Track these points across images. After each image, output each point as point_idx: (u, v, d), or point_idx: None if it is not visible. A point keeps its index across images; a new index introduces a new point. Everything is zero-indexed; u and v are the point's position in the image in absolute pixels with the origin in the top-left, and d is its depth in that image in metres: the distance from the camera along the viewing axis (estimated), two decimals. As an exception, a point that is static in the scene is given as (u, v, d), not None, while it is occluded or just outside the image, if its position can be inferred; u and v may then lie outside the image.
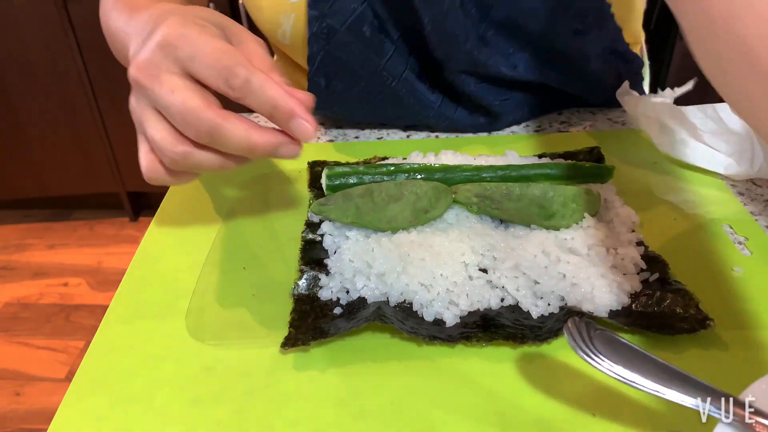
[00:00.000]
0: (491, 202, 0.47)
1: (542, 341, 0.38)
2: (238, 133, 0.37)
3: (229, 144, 0.37)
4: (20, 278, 1.82)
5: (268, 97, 0.36)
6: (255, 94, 0.36)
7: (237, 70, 0.36)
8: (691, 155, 0.56)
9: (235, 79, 0.36)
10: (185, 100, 0.36)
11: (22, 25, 1.67)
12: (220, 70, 0.36)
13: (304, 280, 0.44)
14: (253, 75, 0.36)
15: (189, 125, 0.36)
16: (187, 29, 0.37)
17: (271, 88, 0.37)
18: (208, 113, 0.36)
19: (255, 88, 0.36)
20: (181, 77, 0.37)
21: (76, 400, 0.37)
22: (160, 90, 0.37)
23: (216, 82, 0.36)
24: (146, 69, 0.37)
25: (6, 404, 1.43)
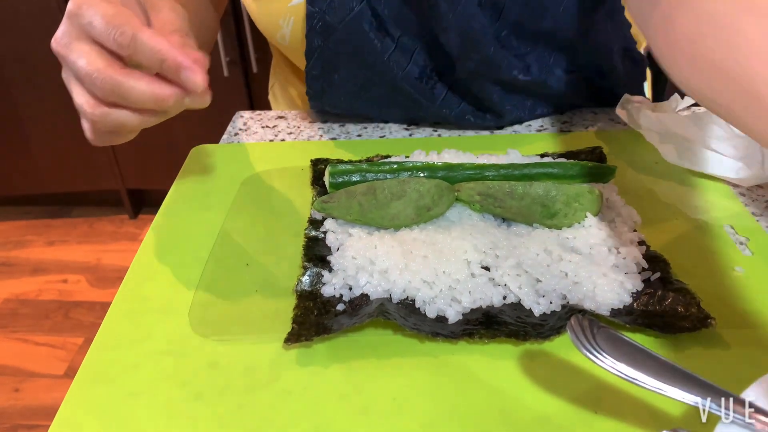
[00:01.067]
0: (494, 200, 0.47)
1: (544, 339, 0.39)
2: (141, 87, 0.39)
3: (136, 98, 0.39)
4: (19, 274, 1.82)
5: (155, 50, 0.38)
6: (142, 49, 0.38)
7: (124, 28, 0.38)
8: (700, 162, 0.55)
9: (123, 36, 0.38)
10: (88, 63, 0.38)
11: (22, 21, 1.67)
12: (110, 30, 0.38)
13: (307, 277, 0.44)
14: (140, 32, 0.38)
15: (95, 86, 0.39)
16: (92, 1, 0.39)
17: (158, 43, 0.38)
18: (109, 71, 0.38)
19: (141, 43, 0.38)
20: (86, 42, 0.39)
21: (80, 394, 0.37)
22: (71, 57, 0.39)
23: (108, 42, 0.38)
24: (61, 40, 0.40)
25: (5, 400, 1.43)
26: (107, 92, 0.39)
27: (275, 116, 0.71)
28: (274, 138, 0.66)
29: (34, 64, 1.73)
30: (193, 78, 0.38)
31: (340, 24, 0.57)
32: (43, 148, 1.88)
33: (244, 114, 0.72)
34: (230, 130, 0.68)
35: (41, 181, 1.95)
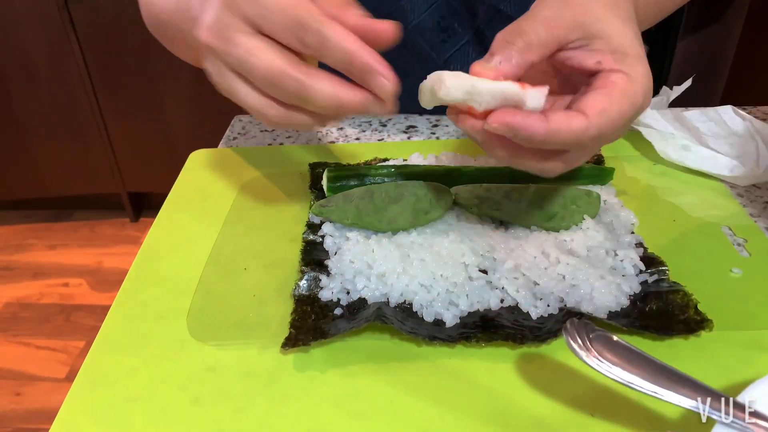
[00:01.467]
0: (491, 203, 0.47)
1: (541, 342, 0.39)
2: (326, 92, 0.35)
3: (319, 103, 0.35)
4: (21, 278, 1.82)
5: (344, 51, 0.34)
6: (329, 49, 0.34)
7: (309, 23, 0.33)
8: (695, 160, 0.55)
9: (307, 34, 0.33)
10: (267, 63, 0.34)
11: (23, 26, 1.67)
12: (290, 26, 0.34)
13: (304, 281, 0.44)
14: (327, 27, 0.33)
15: (275, 87, 0.35)
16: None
17: (348, 42, 0.34)
18: (293, 73, 0.34)
19: (329, 43, 0.34)
20: (255, 36, 0.35)
21: (78, 399, 0.38)
22: (237, 52, 0.35)
23: (288, 39, 0.34)
24: (217, 31, 0.35)
25: (6, 404, 1.43)
26: (289, 95, 0.35)
27: (274, 120, 0.71)
28: (273, 142, 0.66)
29: (36, 69, 1.73)
30: (383, 85, 0.35)
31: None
32: (43, 152, 1.88)
33: (243, 118, 0.72)
34: (229, 134, 0.68)
35: (42, 184, 1.95)
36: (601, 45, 0.36)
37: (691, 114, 0.60)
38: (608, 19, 0.36)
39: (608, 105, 0.34)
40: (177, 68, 1.72)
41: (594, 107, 0.34)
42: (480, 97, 0.34)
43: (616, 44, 0.36)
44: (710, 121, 0.58)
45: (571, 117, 0.34)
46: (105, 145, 1.86)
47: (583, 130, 0.34)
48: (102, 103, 1.79)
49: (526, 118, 0.34)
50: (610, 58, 0.36)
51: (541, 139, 0.34)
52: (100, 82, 1.76)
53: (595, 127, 0.34)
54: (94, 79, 1.75)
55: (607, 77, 0.35)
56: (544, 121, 0.34)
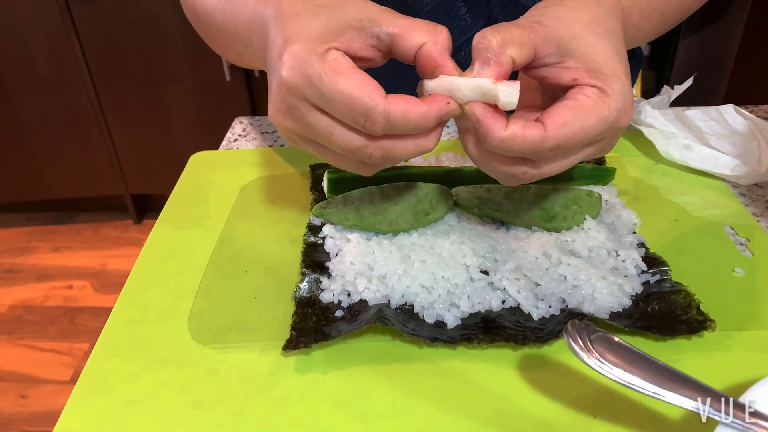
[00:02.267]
0: (492, 204, 0.47)
1: (543, 343, 0.39)
2: (409, 149, 0.36)
3: (403, 158, 0.37)
4: (25, 281, 1.83)
5: (415, 123, 0.34)
6: (400, 128, 0.34)
7: (373, 115, 0.33)
8: (697, 159, 0.55)
9: (374, 124, 0.34)
10: (347, 141, 0.35)
11: (25, 28, 1.67)
12: (355, 116, 0.34)
13: (305, 283, 0.44)
14: (391, 110, 0.33)
15: (360, 159, 0.36)
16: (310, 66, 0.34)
17: (413, 111, 0.34)
18: (374, 145, 0.35)
19: (397, 123, 0.34)
20: (325, 115, 0.35)
21: (81, 402, 0.38)
22: (317, 132, 0.36)
23: (354, 125, 0.35)
24: (287, 112, 0.36)
25: (11, 406, 1.43)
26: (377, 162, 0.37)
27: (275, 121, 0.71)
28: (273, 143, 0.66)
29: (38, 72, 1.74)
30: (455, 111, 0.35)
31: None
32: (46, 155, 1.89)
33: (243, 120, 0.72)
34: (229, 136, 0.68)
35: (45, 187, 1.96)
36: (576, 63, 0.36)
37: (692, 113, 0.59)
38: (584, 37, 0.36)
39: (570, 119, 0.34)
40: (179, 70, 1.73)
41: (555, 120, 0.34)
42: (460, 92, 0.35)
43: (590, 62, 0.36)
44: (712, 121, 0.58)
45: (529, 127, 0.34)
46: (107, 147, 1.86)
47: (538, 141, 0.34)
48: (104, 105, 1.80)
49: (490, 117, 0.34)
50: (586, 75, 0.36)
51: (496, 143, 0.34)
52: (102, 84, 1.77)
53: (552, 139, 0.34)
54: (96, 81, 1.76)
55: (579, 91, 0.36)
56: (503, 126, 0.34)
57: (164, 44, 1.69)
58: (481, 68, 0.35)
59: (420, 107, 0.34)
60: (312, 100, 0.35)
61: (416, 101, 0.34)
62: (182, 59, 1.71)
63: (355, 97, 0.33)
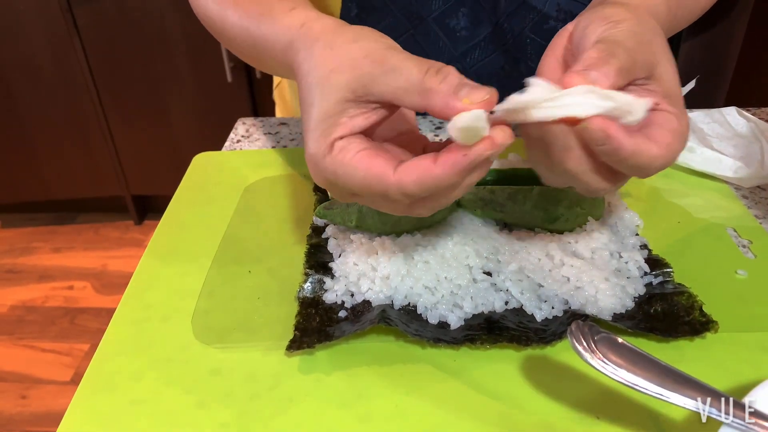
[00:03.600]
0: (495, 205, 0.47)
1: (546, 344, 0.39)
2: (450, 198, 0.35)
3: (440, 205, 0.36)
4: (26, 281, 1.83)
5: (433, 190, 0.34)
6: (415, 196, 0.34)
7: (390, 191, 0.34)
8: (700, 161, 0.55)
9: (394, 202, 0.35)
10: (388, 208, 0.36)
11: (27, 29, 1.68)
12: (376, 198, 0.35)
13: (309, 284, 0.44)
14: (404, 184, 0.33)
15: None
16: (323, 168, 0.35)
17: (427, 183, 0.33)
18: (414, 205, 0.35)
19: (414, 193, 0.34)
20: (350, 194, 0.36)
21: (84, 401, 0.38)
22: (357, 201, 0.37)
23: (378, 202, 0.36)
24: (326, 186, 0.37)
25: (12, 407, 1.43)
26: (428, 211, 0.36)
27: (277, 123, 0.71)
28: (276, 144, 0.66)
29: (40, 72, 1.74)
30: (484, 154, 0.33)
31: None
32: (48, 155, 1.89)
33: (246, 121, 0.72)
34: (232, 137, 0.68)
35: (46, 187, 1.96)
36: (657, 87, 0.36)
37: (695, 115, 0.60)
38: (665, 63, 0.37)
39: (672, 140, 0.35)
40: (180, 71, 1.73)
41: (663, 140, 0.35)
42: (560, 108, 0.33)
43: (668, 88, 0.36)
44: (714, 123, 0.58)
45: (651, 143, 0.34)
46: (109, 148, 1.86)
47: (656, 158, 0.34)
48: (106, 106, 1.80)
49: (620, 130, 0.33)
50: (666, 101, 0.36)
51: (625, 155, 0.34)
52: (104, 85, 1.77)
53: (662, 159, 0.35)
54: (98, 82, 1.76)
55: (666, 117, 0.36)
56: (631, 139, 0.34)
57: (166, 45, 1.69)
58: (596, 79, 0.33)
59: (434, 171, 0.33)
60: (339, 186, 0.36)
61: (428, 165, 0.33)
62: (183, 60, 1.71)
63: (367, 184, 0.34)
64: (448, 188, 0.34)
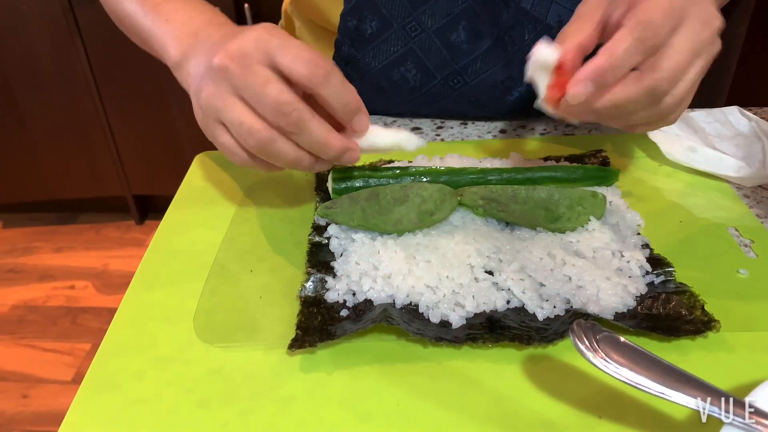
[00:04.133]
0: (497, 204, 0.47)
1: (548, 343, 0.39)
2: (319, 131, 0.41)
3: (310, 138, 0.41)
4: (27, 281, 1.83)
5: (344, 92, 0.41)
6: (334, 86, 0.41)
7: (321, 64, 0.40)
8: (701, 161, 0.55)
9: (319, 69, 0.40)
10: (280, 93, 0.40)
11: (29, 30, 1.68)
12: (306, 62, 0.40)
13: (311, 283, 0.44)
14: (334, 72, 0.41)
15: (281, 114, 0.40)
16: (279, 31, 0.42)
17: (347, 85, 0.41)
18: (300, 106, 0.40)
19: (335, 80, 0.41)
20: (270, 69, 0.41)
21: (86, 401, 0.38)
22: (253, 80, 0.40)
23: (300, 72, 0.40)
24: (239, 59, 0.41)
25: (13, 406, 1.43)
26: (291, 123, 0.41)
27: (279, 122, 0.71)
28: (278, 144, 0.66)
29: (41, 73, 1.74)
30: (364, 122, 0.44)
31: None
32: (49, 155, 1.89)
33: (248, 120, 0.72)
34: (234, 137, 0.68)
35: (47, 187, 1.96)
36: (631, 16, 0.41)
37: (696, 115, 0.59)
38: None
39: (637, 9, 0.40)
40: (182, 71, 1.73)
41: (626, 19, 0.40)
42: None
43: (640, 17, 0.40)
44: (716, 122, 0.58)
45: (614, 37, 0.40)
46: (110, 148, 1.86)
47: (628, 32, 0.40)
48: (107, 106, 1.80)
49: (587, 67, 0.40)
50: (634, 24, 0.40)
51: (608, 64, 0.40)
52: (106, 85, 1.77)
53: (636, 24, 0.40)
54: (100, 82, 1.76)
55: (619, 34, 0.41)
56: (595, 58, 0.40)
57: (167, 45, 1.69)
58: None
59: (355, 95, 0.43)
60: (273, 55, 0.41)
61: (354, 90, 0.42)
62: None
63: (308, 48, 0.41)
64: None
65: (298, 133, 0.41)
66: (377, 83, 0.66)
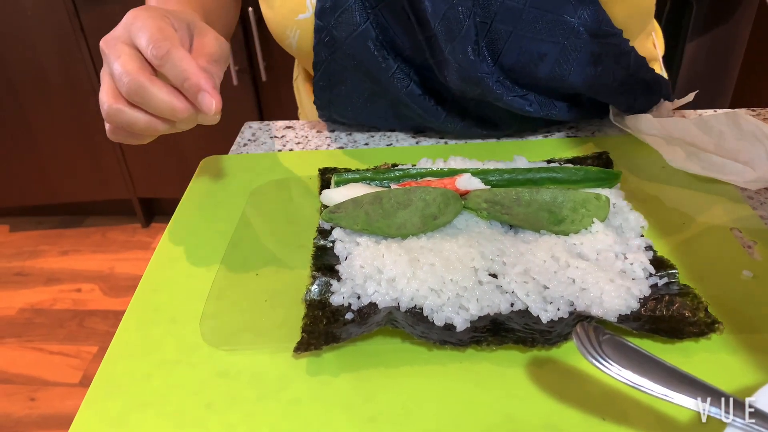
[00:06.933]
0: (501, 207, 0.48)
1: (552, 345, 0.39)
2: (162, 96, 0.43)
3: (155, 104, 0.43)
4: (34, 284, 1.84)
5: (181, 69, 0.43)
6: (171, 65, 0.43)
7: (163, 43, 0.43)
8: (704, 167, 0.55)
9: (159, 50, 0.43)
10: (124, 63, 0.43)
11: (34, 33, 1.69)
12: (151, 42, 0.44)
13: (316, 286, 0.44)
14: (175, 50, 0.43)
15: (122, 83, 0.43)
16: (148, 15, 0.46)
17: (186, 64, 0.43)
18: (139, 75, 0.43)
19: (172, 60, 0.43)
20: (129, 47, 0.44)
21: (94, 404, 0.38)
22: (111, 55, 0.44)
23: (146, 50, 0.44)
24: (109, 41, 0.46)
25: (20, 409, 1.44)
26: (131, 92, 0.43)
27: (283, 126, 0.71)
28: (283, 148, 0.67)
29: (46, 76, 1.75)
30: (207, 101, 0.43)
31: (346, 39, 0.58)
32: (54, 159, 1.90)
33: (253, 125, 0.72)
34: (239, 141, 0.69)
35: (53, 191, 1.97)
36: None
37: (697, 120, 0.59)
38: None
39: None
40: (187, 75, 1.73)
41: None
42: None
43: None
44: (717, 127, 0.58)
45: None
46: (116, 151, 1.87)
47: None
48: (113, 110, 1.81)
49: None
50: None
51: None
52: (111, 89, 1.78)
53: None
54: (105, 86, 1.77)
55: None
56: None
57: (172, 49, 1.70)
58: None
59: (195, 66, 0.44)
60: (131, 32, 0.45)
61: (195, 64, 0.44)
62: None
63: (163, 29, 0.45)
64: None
65: (141, 101, 0.43)
66: None
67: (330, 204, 0.50)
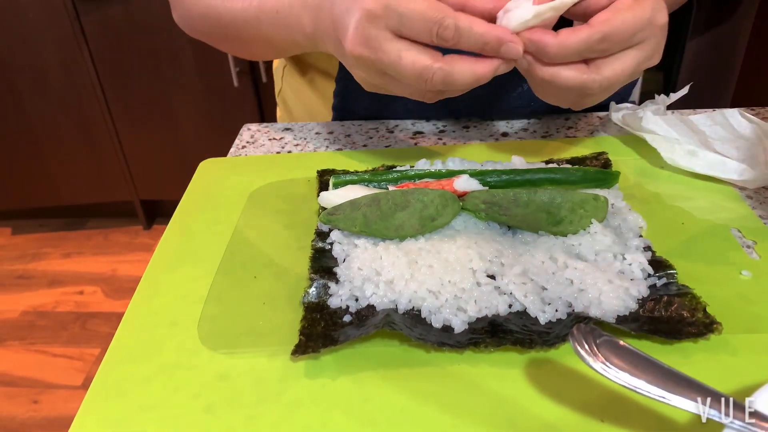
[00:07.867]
0: (499, 208, 0.47)
1: (550, 346, 0.39)
2: (466, 73, 0.42)
3: (461, 84, 0.43)
4: (36, 287, 1.85)
5: (478, 37, 0.41)
6: (465, 38, 0.41)
7: (445, 21, 0.40)
8: (703, 165, 0.55)
9: (446, 30, 0.41)
10: (414, 62, 0.42)
11: (35, 37, 1.69)
12: (429, 26, 0.41)
13: (314, 289, 0.44)
14: (459, 21, 0.41)
15: (423, 80, 0.42)
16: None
17: (478, 27, 0.41)
18: (437, 66, 0.41)
19: (464, 33, 0.41)
20: (398, 41, 0.42)
21: (93, 408, 0.38)
22: (387, 59, 0.42)
23: (428, 37, 0.41)
24: (366, 43, 0.43)
25: (24, 411, 1.45)
26: (436, 84, 0.42)
27: (282, 128, 0.72)
28: (281, 150, 0.67)
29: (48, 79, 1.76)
30: (513, 49, 0.42)
31: None
32: (56, 161, 1.91)
33: (251, 127, 0.72)
34: (238, 143, 0.69)
35: (55, 193, 1.98)
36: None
37: (697, 118, 0.59)
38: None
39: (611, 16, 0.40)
40: (187, 77, 1.74)
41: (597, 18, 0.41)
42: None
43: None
44: (717, 125, 0.58)
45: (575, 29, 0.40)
46: (117, 153, 1.88)
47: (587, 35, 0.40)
48: (114, 112, 1.81)
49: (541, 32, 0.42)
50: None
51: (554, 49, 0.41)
52: (112, 91, 1.78)
53: (598, 32, 0.40)
54: (106, 88, 1.78)
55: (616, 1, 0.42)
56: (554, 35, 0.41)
57: (173, 51, 1.70)
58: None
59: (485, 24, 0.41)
60: (391, 25, 0.41)
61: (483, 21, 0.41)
62: (191, 66, 1.72)
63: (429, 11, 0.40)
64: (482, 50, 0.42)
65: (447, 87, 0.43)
66: None
67: (328, 206, 0.50)
